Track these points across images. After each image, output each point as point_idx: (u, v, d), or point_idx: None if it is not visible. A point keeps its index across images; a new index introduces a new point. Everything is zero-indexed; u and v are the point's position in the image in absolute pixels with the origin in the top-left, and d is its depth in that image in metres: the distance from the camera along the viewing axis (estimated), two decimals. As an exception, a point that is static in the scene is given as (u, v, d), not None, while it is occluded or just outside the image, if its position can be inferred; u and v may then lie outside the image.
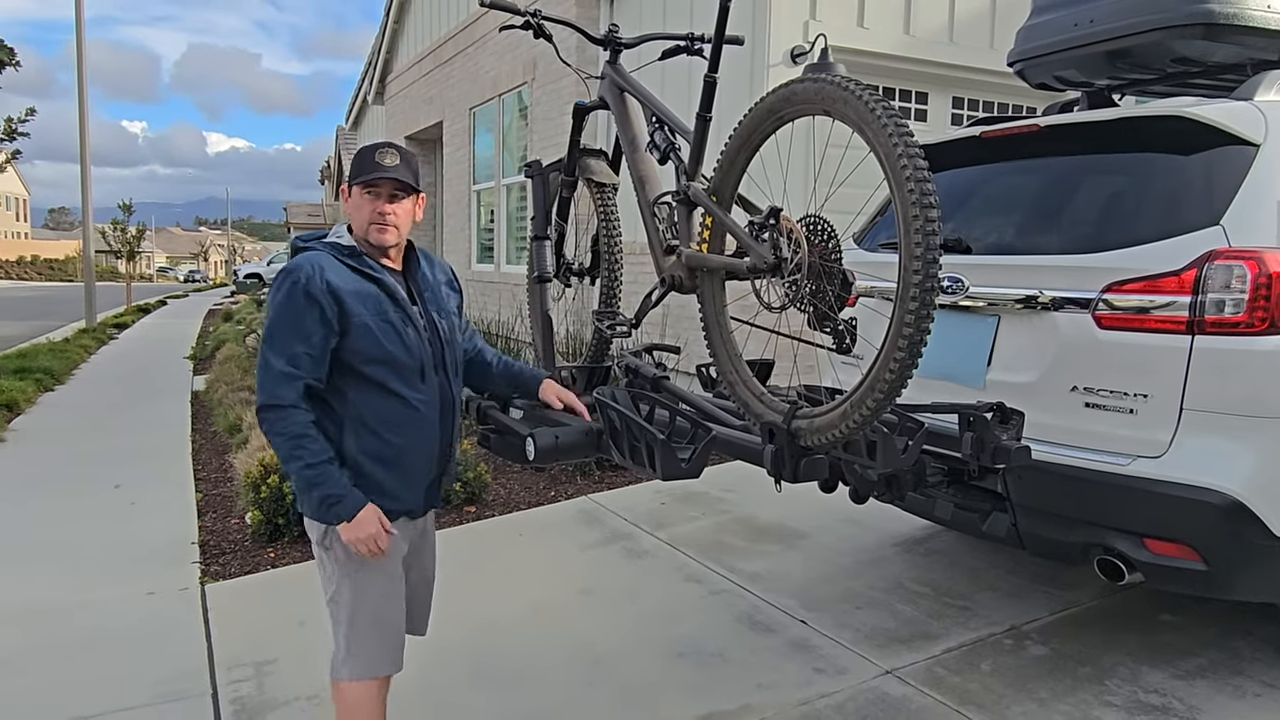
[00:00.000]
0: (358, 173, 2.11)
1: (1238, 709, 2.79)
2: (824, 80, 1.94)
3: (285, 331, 2.02)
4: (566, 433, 2.33)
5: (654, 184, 2.59)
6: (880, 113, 1.81)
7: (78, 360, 11.42)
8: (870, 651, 3.20)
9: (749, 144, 2.22)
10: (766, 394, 2.21)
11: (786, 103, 2.07)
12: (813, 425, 2.01)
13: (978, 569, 3.91)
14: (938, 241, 1.73)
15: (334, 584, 2.14)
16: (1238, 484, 2.46)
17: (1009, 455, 2.29)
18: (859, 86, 1.86)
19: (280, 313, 2.03)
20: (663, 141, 2.56)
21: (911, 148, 1.76)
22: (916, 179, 1.74)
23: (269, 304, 2.09)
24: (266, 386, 2.03)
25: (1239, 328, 2.47)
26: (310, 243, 2.17)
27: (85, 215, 17.20)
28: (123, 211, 22.76)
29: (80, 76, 16.00)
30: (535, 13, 2.71)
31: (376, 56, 15.86)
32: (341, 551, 2.10)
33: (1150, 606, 3.51)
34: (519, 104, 10.20)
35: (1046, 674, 3.02)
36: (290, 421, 2.01)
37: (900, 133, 1.78)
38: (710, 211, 2.28)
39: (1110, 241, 2.75)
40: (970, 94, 7.45)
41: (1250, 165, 2.60)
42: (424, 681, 3.01)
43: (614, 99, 2.81)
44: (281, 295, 2.04)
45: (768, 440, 2.11)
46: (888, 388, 1.81)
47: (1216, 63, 3.34)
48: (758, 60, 6.47)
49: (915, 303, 1.74)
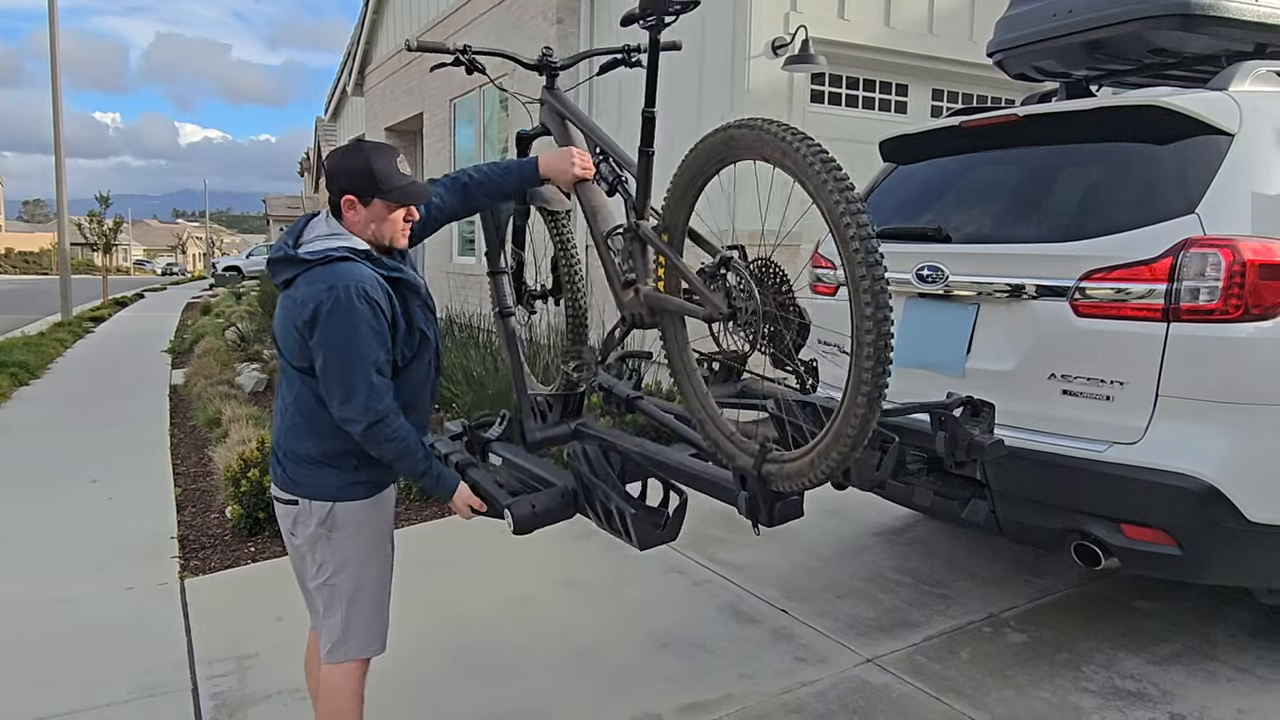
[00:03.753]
0: (390, 188, 2.08)
1: (1211, 693, 2.83)
2: (761, 129, 1.87)
3: (363, 345, 2.00)
4: (543, 499, 2.32)
5: (605, 215, 2.50)
6: (819, 167, 1.74)
7: (53, 354, 11.27)
8: (851, 640, 3.22)
9: (694, 184, 2.14)
10: (736, 433, 2.16)
11: (726, 146, 2.00)
12: (783, 471, 1.99)
13: (957, 558, 3.95)
14: (887, 299, 1.69)
15: (331, 568, 2.16)
16: (1212, 469, 2.49)
17: (983, 450, 2.30)
18: (796, 138, 1.80)
19: (351, 328, 1.99)
20: (609, 173, 2.49)
21: (853, 204, 1.70)
22: (861, 236, 1.69)
23: (328, 323, 1.98)
24: (370, 405, 2.02)
25: (1214, 315, 2.49)
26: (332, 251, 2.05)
27: (60, 207, 16.98)
28: (99, 203, 22.48)
29: (54, 68, 15.77)
30: (465, 49, 2.56)
31: (355, 47, 15.72)
32: (345, 534, 2.14)
33: (1125, 593, 3.56)
34: (499, 95, 10.15)
35: (1024, 661, 3.05)
36: (396, 427, 2.07)
37: (840, 189, 1.72)
38: (663, 253, 2.21)
39: (1088, 230, 2.77)
40: (950, 85, 7.48)
41: (1225, 154, 2.63)
42: (407, 674, 3.00)
43: (556, 127, 2.70)
44: (343, 310, 1.98)
45: (740, 486, 2.11)
46: (852, 441, 1.79)
47: (1192, 54, 3.37)
48: (738, 52, 6.47)
49: (871, 360, 1.71)
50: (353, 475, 2.14)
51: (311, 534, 2.16)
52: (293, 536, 2.21)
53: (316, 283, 2.01)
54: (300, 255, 2.06)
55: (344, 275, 2.00)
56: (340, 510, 2.14)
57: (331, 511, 2.13)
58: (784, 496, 2.06)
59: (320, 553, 2.17)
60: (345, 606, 2.17)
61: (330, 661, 2.18)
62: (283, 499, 2.19)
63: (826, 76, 6.88)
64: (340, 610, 2.17)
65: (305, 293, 2.01)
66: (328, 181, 2.15)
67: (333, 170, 2.12)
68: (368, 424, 2.03)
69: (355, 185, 2.09)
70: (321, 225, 2.13)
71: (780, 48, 6.44)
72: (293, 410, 2.15)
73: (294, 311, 2.04)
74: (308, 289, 2.01)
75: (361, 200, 2.09)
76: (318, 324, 1.99)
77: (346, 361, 2.00)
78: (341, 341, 1.99)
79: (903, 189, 3.62)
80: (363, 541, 2.17)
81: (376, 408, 2.03)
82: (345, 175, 2.10)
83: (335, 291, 1.98)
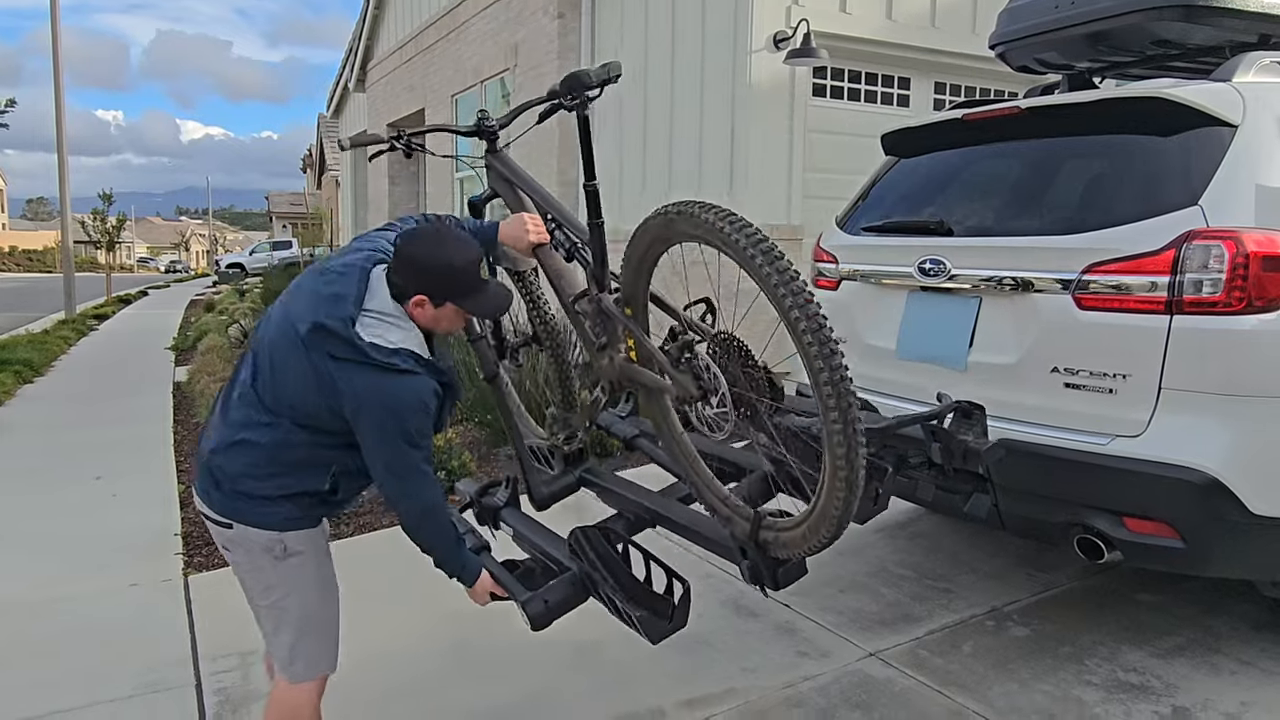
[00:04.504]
0: (468, 297, 2.02)
1: (1215, 685, 2.82)
2: (696, 217, 1.81)
3: (413, 450, 1.98)
4: (555, 593, 2.29)
5: (569, 280, 2.43)
6: (761, 260, 1.68)
7: (57, 352, 11.29)
8: (854, 634, 3.21)
9: (645, 260, 2.07)
10: (730, 497, 2.13)
11: (667, 229, 1.93)
12: (779, 540, 1.98)
13: (959, 552, 3.94)
14: (849, 385, 1.65)
15: (279, 591, 2.10)
16: (1215, 462, 2.48)
17: (979, 457, 2.29)
18: (735, 227, 1.74)
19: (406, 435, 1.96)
20: (564, 240, 2.44)
21: (800, 295, 1.64)
22: (813, 329, 1.64)
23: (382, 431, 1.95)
24: (423, 501, 2.04)
25: (1216, 307, 2.48)
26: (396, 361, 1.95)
27: (63, 205, 17.00)
28: (103, 201, 22.46)
29: (56, 65, 15.79)
30: (399, 134, 2.47)
31: (357, 43, 15.72)
32: (295, 561, 2.09)
33: (1128, 586, 3.55)
34: (501, 90, 10.14)
35: (1027, 654, 3.04)
36: (444, 521, 2.11)
37: (784, 280, 1.66)
38: (629, 329, 2.16)
39: (1090, 223, 2.76)
40: (952, 79, 7.46)
41: (1228, 146, 2.61)
42: (406, 671, 3.00)
43: (505, 192, 2.64)
44: (401, 423, 1.95)
45: (742, 556, 2.11)
46: (838, 520, 1.77)
47: (1195, 45, 3.35)
48: (740, 45, 6.45)
49: (842, 448, 1.67)
50: (305, 510, 2.08)
51: (256, 559, 2.09)
52: (228, 552, 2.14)
53: (375, 391, 1.92)
54: (361, 345, 1.92)
55: (409, 393, 1.94)
56: (290, 538, 2.07)
57: (281, 539, 2.06)
58: (785, 561, 2.04)
59: (268, 575, 2.10)
60: (295, 628, 2.11)
61: (287, 679, 2.14)
62: (215, 520, 2.09)
63: (828, 70, 6.86)
64: (289, 632, 2.12)
65: (360, 389, 1.92)
66: (400, 267, 2.00)
67: (411, 261, 1.98)
68: (422, 510, 2.05)
69: (432, 286, 1.98)
70: (386, 302, 1.99)
71: (782, 41, 6.42)
72: (265, 451, 2.00)
73: (334, 396, 1.93)
74: (364, 389, 1.92)
75: (434, 302, 2.00)
76: (367, 425, 1.95)
77: (402, 466, 1.99)
78: (393, 447, 1.97)
79: (904, 182, 3.61)
80: (311, 566, 2.12)
81: (427, 502, 2.05)
82: (423, 273, 1.98)
83: (399, 408, 1.94)
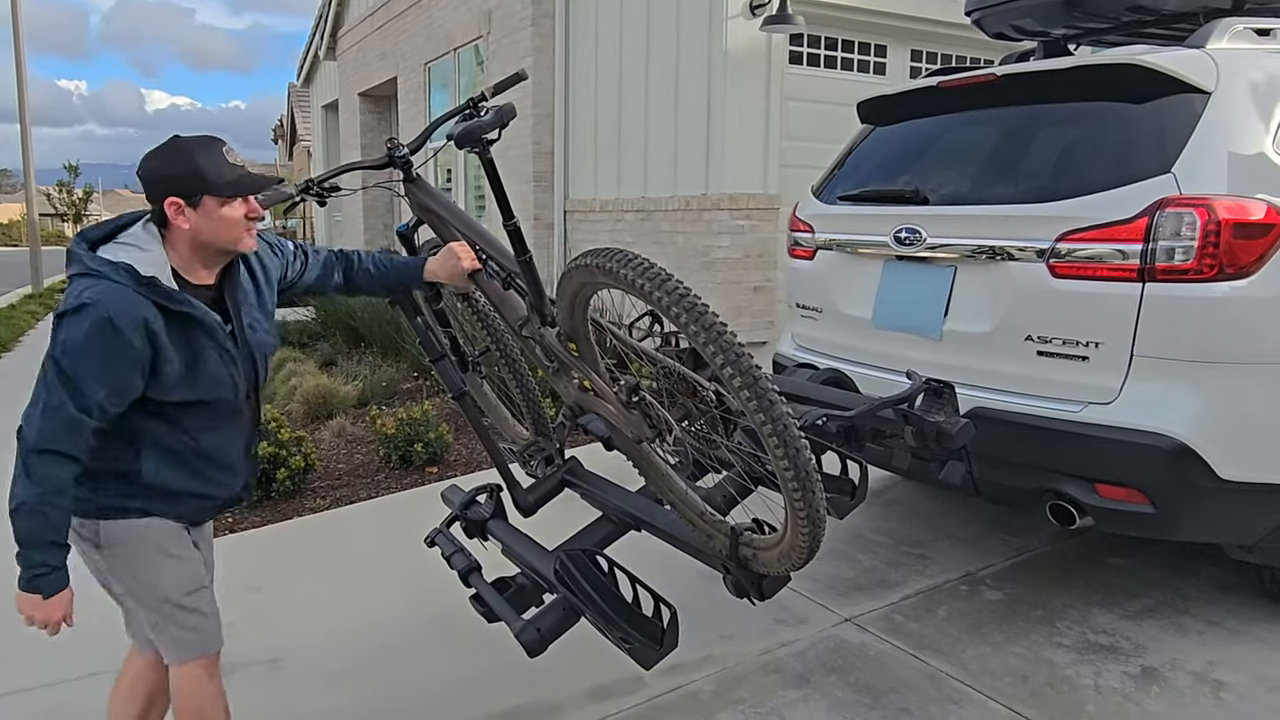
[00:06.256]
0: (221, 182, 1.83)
1: (1182, 645, 2.88)
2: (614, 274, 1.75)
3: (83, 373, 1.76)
4: (547, 619, 2.26)
5: (510, 304, 2.35)
6: (686, 318, 1.63)
7: (24, 327, 11.10)
8: (830, 601, 3.24)
9: (576, 300, 2.00)
10: (709, 511, 2.12)
11: (590, 277, 1.87)
12: (758, 557, 1.98)
13: (935, 518, 3.98)
14: (796, 433, 1.62)
15: (126, 580, 1.99)
16: (1184, 428, 2.51)
17: (952, 439, 2.30)
18: (652, 283, 1.68)
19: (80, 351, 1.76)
20: (498, 270, 2.37)
21: (730, 349, 1.60)
22: (748, 383, 1.60)
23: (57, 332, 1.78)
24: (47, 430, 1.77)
25: (1189, 275, 2.50)
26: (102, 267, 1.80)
27: (27, 178, 16.63)
28: (68, 173, 22.03)
29: (16, 33, 15.37)
30: (308, 185, 2.32)
31: (328, 9, 15.39)
32: (126, 551, 1.96)
33: (1099, 550, 3.60)
34: (476, 59, 9.98)
35: (1000, 618, 3.09)
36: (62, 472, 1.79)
37: (712, 338, 1.61)
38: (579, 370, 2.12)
39: (1064, 190, 2.76)
40: (929, 46, 7.42)
41: (1201, 113, 2.62)
42: (387, 641, 3.00)
43: (430, 219, 2.54)
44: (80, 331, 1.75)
45: (725, 572, 2.11)
46: (806, 550, 1.78)
47: (1170, 11, 3.35)
48: (715, 13, 6.38)
49: (798, 490, 1.66)
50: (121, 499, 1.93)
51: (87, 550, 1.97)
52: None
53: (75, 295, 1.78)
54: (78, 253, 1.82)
55: (99, 299, 1.76)
56: (110, 528, 1.93)
57: (101, 531, 1.94)
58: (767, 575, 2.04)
59: (107, 567, 1.98)
60: (153, 614, 2.00)
61: (178, 661, 2.04)
62: None
63: (805, 37, 6.80)
64: (144, 617, 2.02)
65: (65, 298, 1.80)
66: (147, 190, 1.86)
67: (151, 175, 1.85)
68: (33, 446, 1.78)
69: (179, 186, 1.82)
70: (139, 232, 1.88)
71: (758, 8, 6.35)
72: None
73: None
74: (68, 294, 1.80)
75: (189, 202, 1.83)
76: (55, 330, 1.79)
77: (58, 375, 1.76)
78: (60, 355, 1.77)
79: (880, 151, 3.60)
80: (147, 553, 1.96)
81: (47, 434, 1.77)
82: (166, 177, 1.84)
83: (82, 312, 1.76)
